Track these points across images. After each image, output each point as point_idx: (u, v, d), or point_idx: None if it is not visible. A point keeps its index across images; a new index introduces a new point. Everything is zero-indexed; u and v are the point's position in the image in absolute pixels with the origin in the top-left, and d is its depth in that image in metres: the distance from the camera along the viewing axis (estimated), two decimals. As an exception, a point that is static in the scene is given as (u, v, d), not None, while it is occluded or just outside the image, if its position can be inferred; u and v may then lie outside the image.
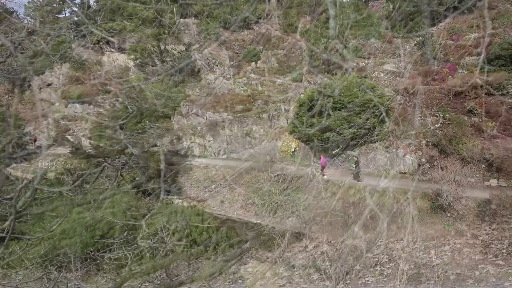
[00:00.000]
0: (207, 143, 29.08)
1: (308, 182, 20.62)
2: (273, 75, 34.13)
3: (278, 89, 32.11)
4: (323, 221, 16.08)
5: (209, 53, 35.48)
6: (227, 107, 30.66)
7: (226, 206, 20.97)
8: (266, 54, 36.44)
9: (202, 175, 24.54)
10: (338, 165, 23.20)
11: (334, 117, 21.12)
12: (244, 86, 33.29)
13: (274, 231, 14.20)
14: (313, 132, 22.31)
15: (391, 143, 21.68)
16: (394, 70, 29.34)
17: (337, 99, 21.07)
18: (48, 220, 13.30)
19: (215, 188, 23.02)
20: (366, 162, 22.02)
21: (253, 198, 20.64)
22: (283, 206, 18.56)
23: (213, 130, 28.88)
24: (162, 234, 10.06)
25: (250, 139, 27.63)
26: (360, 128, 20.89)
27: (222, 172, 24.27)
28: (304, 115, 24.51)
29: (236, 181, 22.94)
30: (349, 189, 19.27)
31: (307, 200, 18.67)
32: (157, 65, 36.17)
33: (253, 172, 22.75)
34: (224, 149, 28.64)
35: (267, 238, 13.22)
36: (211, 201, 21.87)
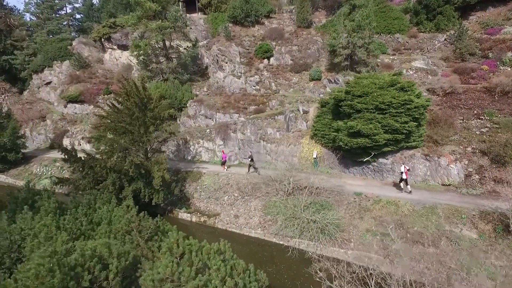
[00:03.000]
0: (217, 147, 26.38)
1: (336, 195, 17.83)
2: (288, 73, 31.38)
3: (294, 88, 29.34)
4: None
5: (218, 49, 32.77)
6: (239, 108, 27.95)
7: (241, 222, 18.22)
8: (279, 51, 33.68)
9: (213, 184, 21.83)
10: (367, 174, 20.40)
11: (366, 120, 18.33)
12: (256, 84, 30.56)
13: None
14: (341, 137, 19.52)
15: (431, 150, 18.83)
16: (424, 67, 26.47)
17: (369, 100, 18.27)
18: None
19: (227, 200, 20.29)
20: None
21: (273, 214, 17.88)
22: (310, 224, 15.79)
23: (223, 133, 26.17)
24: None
25: (264, 144, 24.90)
26: (396, 133, 18.08)
27: (236, 181, 21.53)
28: (328, 117, 21.74)
29: (251, 193, 20.20)
30: (387, 205, 16.45)
31: (339, 217, 15.87)
32: (161, 62, 33.54)
33: (271, 182, 20.00)
34: (235, 154, 25.93)
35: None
36: (223, 215, 19.13)
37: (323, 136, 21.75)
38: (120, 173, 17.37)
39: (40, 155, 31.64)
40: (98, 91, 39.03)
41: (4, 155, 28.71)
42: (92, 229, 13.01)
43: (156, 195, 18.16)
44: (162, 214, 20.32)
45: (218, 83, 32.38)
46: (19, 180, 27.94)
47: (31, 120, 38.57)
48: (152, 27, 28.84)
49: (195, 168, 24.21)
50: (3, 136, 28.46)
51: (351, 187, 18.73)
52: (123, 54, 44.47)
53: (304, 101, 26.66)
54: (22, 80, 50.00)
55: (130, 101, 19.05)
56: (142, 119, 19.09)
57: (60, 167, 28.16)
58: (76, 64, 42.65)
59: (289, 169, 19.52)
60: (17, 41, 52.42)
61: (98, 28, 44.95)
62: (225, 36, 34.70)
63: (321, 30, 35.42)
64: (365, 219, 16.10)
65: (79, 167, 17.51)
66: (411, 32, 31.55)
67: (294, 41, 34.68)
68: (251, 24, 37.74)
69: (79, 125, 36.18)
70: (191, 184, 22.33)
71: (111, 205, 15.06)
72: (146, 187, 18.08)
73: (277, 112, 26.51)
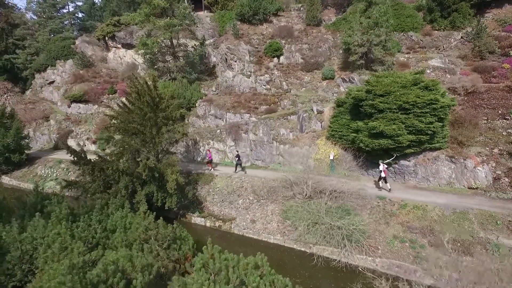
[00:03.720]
0: (227, 148, 25.59)
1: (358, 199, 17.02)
2: (299, 72, 30.58)
3: (306, 88, 28.54)
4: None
5: (227, 47, 31.96)
6: (250, 108, 27.14)
7: (258, 227, 17.42)
8: (289, 49, 32.88)
9: (226, 187, 21.03)
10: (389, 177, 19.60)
11: (389, 121, 17.53)
12: (266, 84, 29.75)
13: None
14: (362, 138, 18.73)
15: (456, 151, 18.04)
16: (441, 66, 25.68)
17: (392, 99, 17.48)
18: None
19: (242, 203, 19.48)
20: (425, 174, 18.40)
21: (292, 219, 17.08)
22: (335, 230, 14.98)
23: (234, 133, 25.37)
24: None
25: (277, 145, 24.10)
26: (420, 133, 17.29)
27: (250, 184, 20.73)
28: (345, 117, 20.93)
29: (267, 196, 19.40)
30: (414, 209, 15.65)
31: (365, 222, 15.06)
32: (168, 61, 32.74)
33: (287, 184, 19.21)
34: (247, 155, 25.12)
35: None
36: (239, 219, 18.32)
37: (341, 137, 20.95)
38: (132, 176, 16.55)
39: (44, 156, 30.81)
40: (103, 91, 38.24)
41: (7, 156, 27.87)
42: (106, 237, 12.21)
43: (169, 199, 17.35)
44: (175, 218, 19.57)
45: (227, 82, 31.57)
46: (24, 182, 27.16)
47: (34, 120, 37.74)
48: (160, 24, 28.01)
49: (206, 170, 23.39)
50: (7, 136, 27.63)
51: (372, 190, 17.94)
52: (128, 53, 43.68)
53: (317, 101, 25.86)
54: (24, 80, 49.20)
55: (141, 100, 18.24)
56: (153, 120, 18.29)
57: (65, 168, 27.34)
58: (80, 63, 41.83)
59: (307, 171, 18.68)
60: (19, 40, 51.64)
61: (102, 26, 44.10)
62: (233, 34, 33.90)
63: (331, 28, 34.61)
64: (391, 225, 15.31)
65: (88, 170, 16.68)
66: (425, 30, 30.75)
67: (304, 39, 33.88)
68: (259, 22, 36.93)
69: (83, 125, 35.35)
70: (203, 187, 21.52)
71: (125, 211, 14.28)
72: (159, 191, 17.26)
73: (290, 112, 25.71)
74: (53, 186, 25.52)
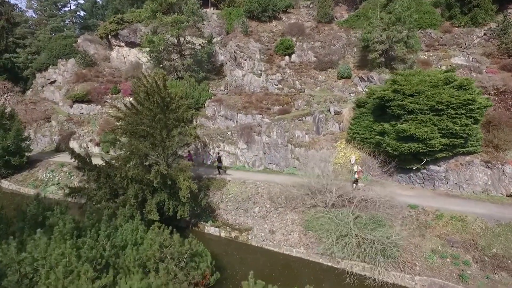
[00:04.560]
0: (239, 151, 24.19)
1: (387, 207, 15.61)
2: (312, 71, 29.18)
3: (321, 87, 27.13)
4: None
5: (236, 45, 30.58)
6: (262, 109, 25.76)
7: (278, 239, 16.02)
8: (301, 47, 31.48)
9: (240, 194, 19.64)
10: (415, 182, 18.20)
11: (420, 123, 16.13)
12: (278, 83, 28.36)
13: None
14: (389, 141, 17.32)
15: (492, 156, 16.63)
16: (465, 64, 24.25)
17: (423, 99, 16.08)
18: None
19: (258, 212, 18.09)
20: (458, 180, 16.99)
21: (316, 229, 15.67)
22: (366, 243, 13.58)
23: (246, 135, 23.98)
24: None
25: (292, 148, 22.71)
26: (454, 137, 15.88)
27: (266, 190, 19.33)
28: (368, 119, 19.53)
29: (285, 204, 18.00)
30: (452, 220, 14.23)
31: (395, 234, 13.63)
32: (174, 59, 31.38)
33: (306, 191, 17.81)
34: (260, 159, 23.73)
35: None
36: (257, 230, 16.92)
37: (363, 140, 19.54)
38: (141, 183, 15.17)
39: (45, 159, 29.46)
40: (106, 91, 36.88)
41: (7, 160, 26.49)
42: (116, 254, 10.83)
43: (181, 208, 15.97)
44: (186, 227, 18.21)
45: (236, 81, 30.19)
46: (24, 187, 25.79)
47: (35, 121, 36.39)
48: (167, 20, 26.63)
49: (218, 175, 22.00)
50: (7, 138, 26.28)
51: (401, 198, 16.51)
52: (131, 51, 42.31)
53: (334, 101, 24.46)
54: (25, 79, 47.90)
55: (150, 100, 16.86)
56: (163, 121, 16.90)
57: (68, 172, 25.98)
58: (82, 62, 40.48)
59: (330, 177, 17.27)
60: (19, 38, 50.37)
61: (105, 24, 42.73)
62: (242, 31, 32.52)
63: (344, 26, 33.21)
64: (427, 238, 13.90)
65: (94, 176, 15.31)
66: (444, 27, 29.31)
67: (316, 37, 32.48)
68: (268, 19, 35.57)
69: (86, 127, 34.00)
70: (215, 193, 20.13)
71: (135, 223, 12.91)
72: (170, 199, 15.87)
73: (305, 113, 24.31)
74: (55, 191, 24.17)
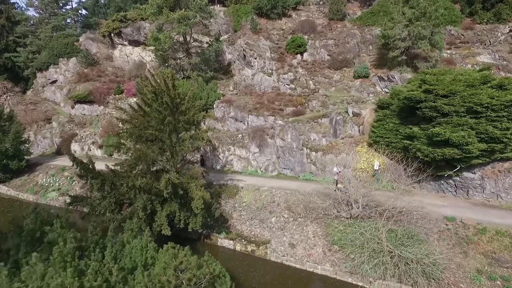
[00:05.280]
0: (251, 155, 22.75)
1: (419, 219, 14.15)
2: (325, 70, 27.72)
3: (337, 87, 25.67)
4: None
5: (245, 43, 29.15)
6: (274, 110, 24.33)
7: (300, 254, 14.57)
8: (313, 45, 30.03)
9: (254, 202, 18.21)
10: (446, 190, 16.73)
11: (455, 126, 14.66)
12: (290, 83, 26.92)
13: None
14: (419, 146, 15.85)
15: (534, 162, 15.16)
16: (491, 62, 22.75)
17: (458, 100, 14.62)
18: None
19: (276, 222, 16.65)
20: (496, 189, 15.51)
21: (341, 243, 14.21)
22: (403, 262, 12.12)
23: (258, 138, 22.55)
24: None
25: (308, 152, 21.27)
26: (494, 141, 14.42)
27: (283, 198, 17.89)
28: (393, 121, 18.07)
29: (305, 214, 16.55)
30: (497, 235, 12.75)
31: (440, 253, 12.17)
32: (181, 58, 29.98)
33: (325, 199, 16.37)
34: (273, 163, 22.29)
35: None
36: (275, 243, 15.48)
37: (388, 144, 18.07)
38: (150, 193, 13.75)
39: (45, 162, 28.11)
40: (109, 91, 35.56)
41: (5, 164, 25.12)
42: (124, 279, 9.41)
43: (193, 219, 14.55)
44: (197, 239, 16.78)
45: (245, 81, 28.78)
46: (23, 192, 24.39)
47: (35, 122, 35.05)
48: (173, 17, 25.21)
49: (229, 181, 20.59)
50: (5, 141, 24.91)
51: (433, 208, 15.06)
52: (135, 50, 41.00)
53: (351, 102, 22.99)
54: (25, 79, 46.60)
55: (158, 101, 15.45)
56: (173, 124, 15.49)
57: (69, 177, 24.59)
58: (84, 61, 39.18)
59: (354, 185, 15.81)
60: (20, 37, 49.07)
61: (107, 22, 41.37)
62: (251, 29, 31.11)
63: (357, 23, 31.74)
64: (470, 255, 12.44)
65: (97, 184, 13.90)
66: (464, 23, 27.84)
67: (328, 34, 31.02)
68: (277, 16, 34.12)
69: (88, 128, 32.66)
70: (227, 201, 18.71)
71: (144, 239, 11.48)
72: (181, 210, 14.45)
73: (321, 115, 22.89)
74: (55, 198, 22.79)
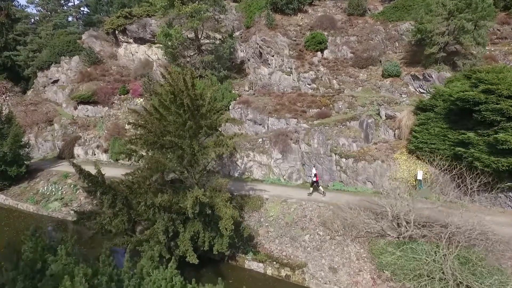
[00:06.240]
0: (272, 162, 20.70)
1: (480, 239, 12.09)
2: (349, 68, 25.67)
3: (364, 87, 23.63)
4: None
5: (262, 39, 27.11)
6: (296, 112, 22.29)
7: (344, 280, 12.52)
8: (334, 42, 27.98)
9: (282, 216, 16.15)
10: (505, 205, 14.66)
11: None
12: (312, 82, 24.87)
13: None
14: (477, 154, 13.78)
15: None
16: (537, 59, 20.68)
17: (527, 102, 12.58)
18: None
19: (310, 241, 14.59)
20: None
21: (393, 268, 12.15)
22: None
23: (281, 143, 20.50)
24: None
25: (338, 158, 19.21)
26: None
27: (315, 212, 15.82)
28: (439, 125, 16.00)
29: (343, 231, 14.48)
30: None
31: None
32: (191, 56, 27.97)
33: (364, 213, 14.33)
34: (298, 171, 20.24)
35: None
36: (313, 266, 13.42)
37: (434, 150, 15.98)
38: (171, 211, 11.70)
39: (47, 168, 26.10)
40: (113, 91, 33.59)
41: (3, 170, 23.08)
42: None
43: (218, 240, 12.50)
44: (220, 260, 14.73)
45: (261, 80, 26.76)
46: (22, 202, 22.35)
47: (36, 124, 33.04)
48: (186, 10, 23.18)
49: (251, 191, 18.55)
50: (3, 145, 22.90)
51: (497, 227, 12.96)
52: (140, 48, 38.99)
53: (383, 103, 20.94)
54: (26, 79, 44.68)
55: (176, 103, 13.41)
56: (194, 129, 13.45)
57: (72, 185, 22.55)
58: (87, 60, 37.20)
59: (404, 198, 13.73)
60: (20, 35, 47.17)
61: (111, 19, 39.35)
62: (267, 24, 29.06)
63: (380, 18, 29.66)
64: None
65: (109, 201, 11.84)
66: (499, 18, 25.67)
67: (349, 30, 28.97)
68: (292, 12, 32.02)
69: (92, 131, 30.65)
70: (251, 215, 16.67)
71: (169, 271, 9.44)
72: (205, 230, 12.39)
73: (349, 117, 20.84)
74: (58, 208, 20.75)
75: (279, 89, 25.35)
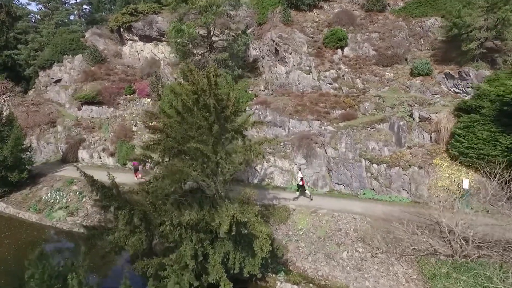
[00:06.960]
0: (295, 167, 19.10)
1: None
2: (373, 66, 24.06)
3: (391, 87, 22.03)
4: None
5: (278, 36, 25.52)
6: (319, 113, 20.69)
7: (394, 307, 10.97)
8: (354, 39, 26.40)
9: (313, 229, 14.54)
10: None
11: None
12: (333, 81, 23.27)
13: None
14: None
15: None
16: None
17: None
18: None
19: (348, 259, 12.98)
20: None
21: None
22: None
23: (305, 147, 18.90)
24: None
25: (368, 164, 17.62)
26: None
27: (351, 226, 14.22)
28: (488, 128, 14.40)
29: (386, 247, 12.88)
30: None
31: None
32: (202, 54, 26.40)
33: (408, 226, 12.73)
34: (323, 177, 18.64)
35: None
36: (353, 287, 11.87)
37: (482, 157, 14.39)
38: (197, 229, 10.09)
39: (50, 173, 24.48)
40: (119, 90, 31.99)
41: (4, 176, 21.46)
42: None
43: (250, 261, 10.88)
44: (247, 280, 13.10)
45: (278, 79, 25.16)
46: (24, 211, 20.70)
47: (37, 125, 31.45)
48: (200, 4, 21.59)
49: (274, 200, 16.95)
50: (3, 149, 21.31)
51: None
52: (146, 46, 37.41)
53: (414, 104, 19.35)
54: (27, 78, 43.08)
55: (200, 104, 11.83)
56: (219, 134, 11.87)
57: (78, 192, 20.95)
58: (91, 59, 35.57)
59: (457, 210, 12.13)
60: (21, 33, 45.58)
61: (116, 16, 37.78)
62: (283, 20, 27.50)
63: (402, 14, 28.09)
64: None
65: (125, 217, 10.22)
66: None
67: (369, 27, 27.39)
68: (308, 7, 30.47)
69: (97, 133, 29.09)
70: (277, 228, 15.07)
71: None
72: (236, 250, 10.77)
73: (377, 119, 19.24)
74: (62, 218, 19.12)
75: (298, 88, 23.75)
